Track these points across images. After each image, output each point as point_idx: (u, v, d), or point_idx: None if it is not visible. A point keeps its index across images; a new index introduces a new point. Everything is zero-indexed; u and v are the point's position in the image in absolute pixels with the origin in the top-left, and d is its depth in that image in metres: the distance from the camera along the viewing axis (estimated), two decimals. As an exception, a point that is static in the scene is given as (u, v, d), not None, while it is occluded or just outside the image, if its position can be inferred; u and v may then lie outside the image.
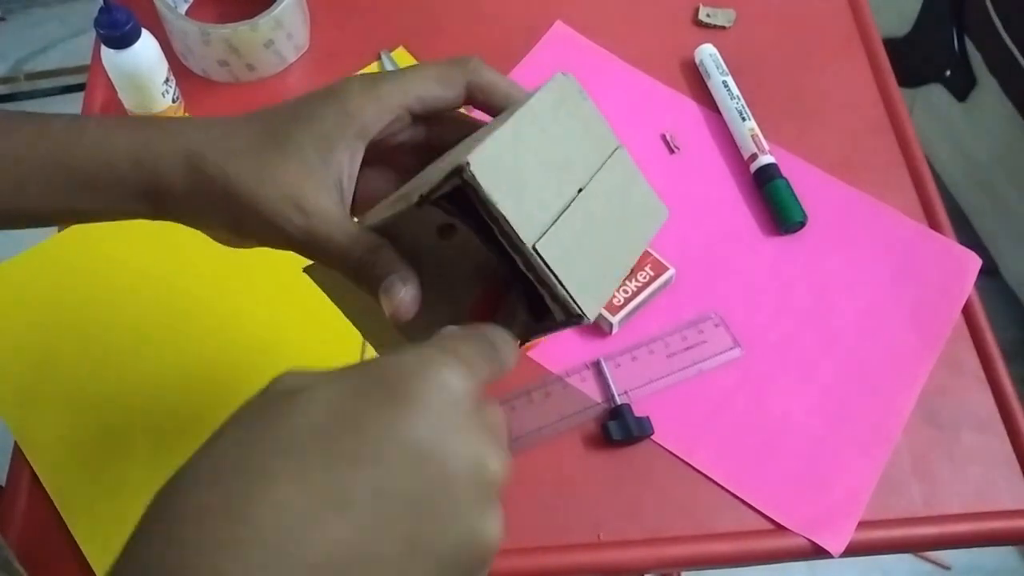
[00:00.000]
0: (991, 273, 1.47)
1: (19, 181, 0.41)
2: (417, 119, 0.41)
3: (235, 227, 0.41)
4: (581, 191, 0.37)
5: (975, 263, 0.72)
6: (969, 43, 1.42)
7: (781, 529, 0.61)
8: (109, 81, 0.73)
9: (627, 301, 0.67)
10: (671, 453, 0.64)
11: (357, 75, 0.41)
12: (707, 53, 0.81)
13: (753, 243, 0.73)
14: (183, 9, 0.84)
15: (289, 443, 0.27)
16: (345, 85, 0.40)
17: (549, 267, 0.34)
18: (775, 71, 0.82)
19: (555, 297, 0.35)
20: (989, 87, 1.40)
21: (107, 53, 0.70)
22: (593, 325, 0.68)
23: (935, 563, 1.40)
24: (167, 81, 0.73)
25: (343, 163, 0.39)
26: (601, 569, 0.60)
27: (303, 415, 0.27)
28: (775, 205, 0.73)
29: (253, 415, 0.28)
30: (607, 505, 0.62)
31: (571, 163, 0.37)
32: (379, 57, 0.82)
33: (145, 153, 0.40)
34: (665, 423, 0.64)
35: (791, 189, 0.73)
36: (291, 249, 0.40)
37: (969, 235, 1.48)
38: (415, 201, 0.35)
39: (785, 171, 0.74)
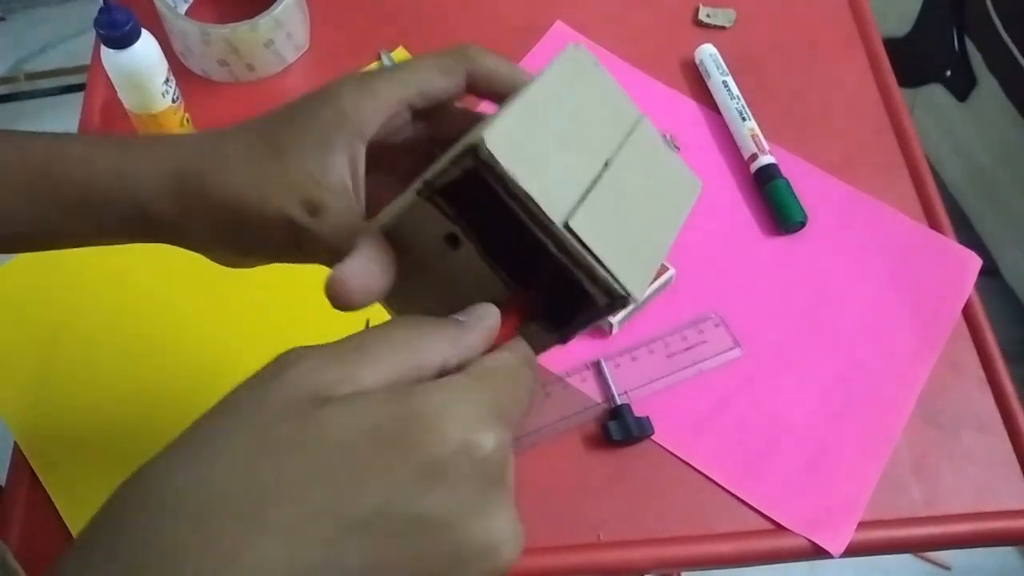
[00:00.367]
0: (991, 273, 1.47)
1: (2, 206, 0.40)
2: (418, 116, 0.39)
3: (236, 242, 0.39)
4: (608, 165, 0.34)
5: (975, 263, 0.72)
6: (969, 43, 1.42)
7: (781, 529, 0.61)
8: (109, 81, 0.73)
9: (627, 301, 0.67)
10: (671, 453, 0.64)
11: (352, 74, 0.39)
12: (707, 53, 0.81)
13: (753, 243, 0.73)
14: (183, 9, 0.84)
15: (290, 490, 0.25)
16: (339, 85, 0.38)
17: (586, 245, 0.31)
18: (775, 71, 0.82)
19: (595, 279, 0.32)
20: (989, 87, 1.40)
21: (107, 53, 0.70)
22: (593, 325, 0.68)
23: (935, 563, 1.39)
24: (167, 81, 0.73)
25: (344, 164, 0.37)
26: (601, 569, 0.60)
27: (314, 457, 0.26)
28: (775, 205, 0.73)
29: (256, 429, 0.27)
30: (607, 505, 0.62)
31: (593, 136, 0.35)
32: (379, 57, 0.82)
33: (131, 178, 0.39)
34: (665, 423, 0.64)
35: (791, 189, 0.73)
36: (296, 256, 0.39)
37: (969, 235, 1.48)
38: (418, 188, 0.32)
39: (785, 171, 0.74)
